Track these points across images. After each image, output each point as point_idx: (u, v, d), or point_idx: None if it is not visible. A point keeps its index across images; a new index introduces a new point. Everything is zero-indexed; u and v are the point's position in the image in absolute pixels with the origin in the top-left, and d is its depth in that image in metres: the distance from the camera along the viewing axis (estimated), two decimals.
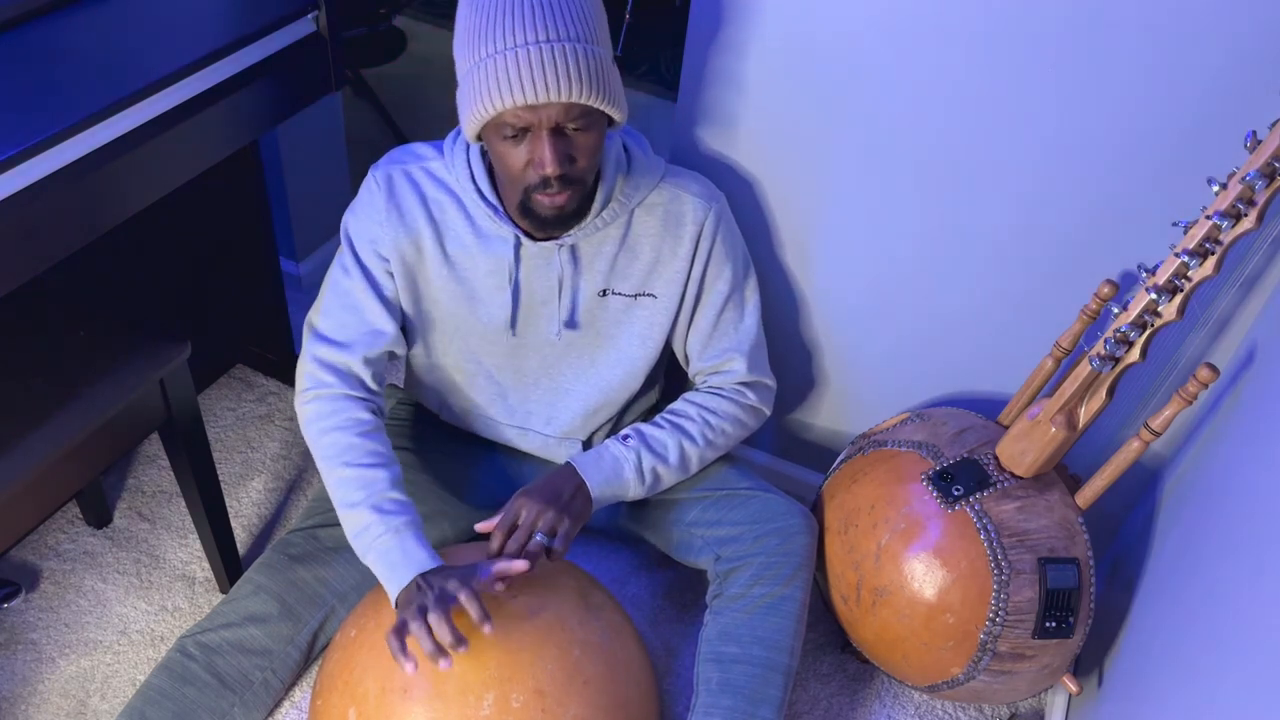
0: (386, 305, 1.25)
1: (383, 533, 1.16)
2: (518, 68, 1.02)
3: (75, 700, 1.40)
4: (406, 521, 1.17)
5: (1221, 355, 1.32)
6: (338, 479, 1.20)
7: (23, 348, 1.24)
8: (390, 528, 1.16)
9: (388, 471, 1.20)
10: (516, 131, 1.07)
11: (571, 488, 1.25)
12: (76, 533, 1.61)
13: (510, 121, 1.06)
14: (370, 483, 1.18)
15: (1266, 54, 1.09)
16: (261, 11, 1.30)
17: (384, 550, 1.15)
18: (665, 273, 1.28)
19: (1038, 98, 1.21)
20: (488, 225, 1.23)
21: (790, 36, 1.29)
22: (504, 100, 1.04)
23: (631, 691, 1.24)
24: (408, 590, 1.13)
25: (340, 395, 1.23)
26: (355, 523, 1.18)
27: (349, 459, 1.20)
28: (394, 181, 1.23)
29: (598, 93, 1.05)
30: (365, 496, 1.18)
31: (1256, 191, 1.05)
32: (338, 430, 1.21)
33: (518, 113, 1.05)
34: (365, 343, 1.25)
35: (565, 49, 1.03)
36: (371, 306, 1.25)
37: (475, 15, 1.06)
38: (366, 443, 1.21)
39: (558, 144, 1.07)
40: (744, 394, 1.37)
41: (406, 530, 1.16)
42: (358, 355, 1.24)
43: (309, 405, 1.24)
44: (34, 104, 1.09)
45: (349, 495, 1.19)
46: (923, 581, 1.28)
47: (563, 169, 1.08)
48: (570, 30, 1.04)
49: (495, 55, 1.03)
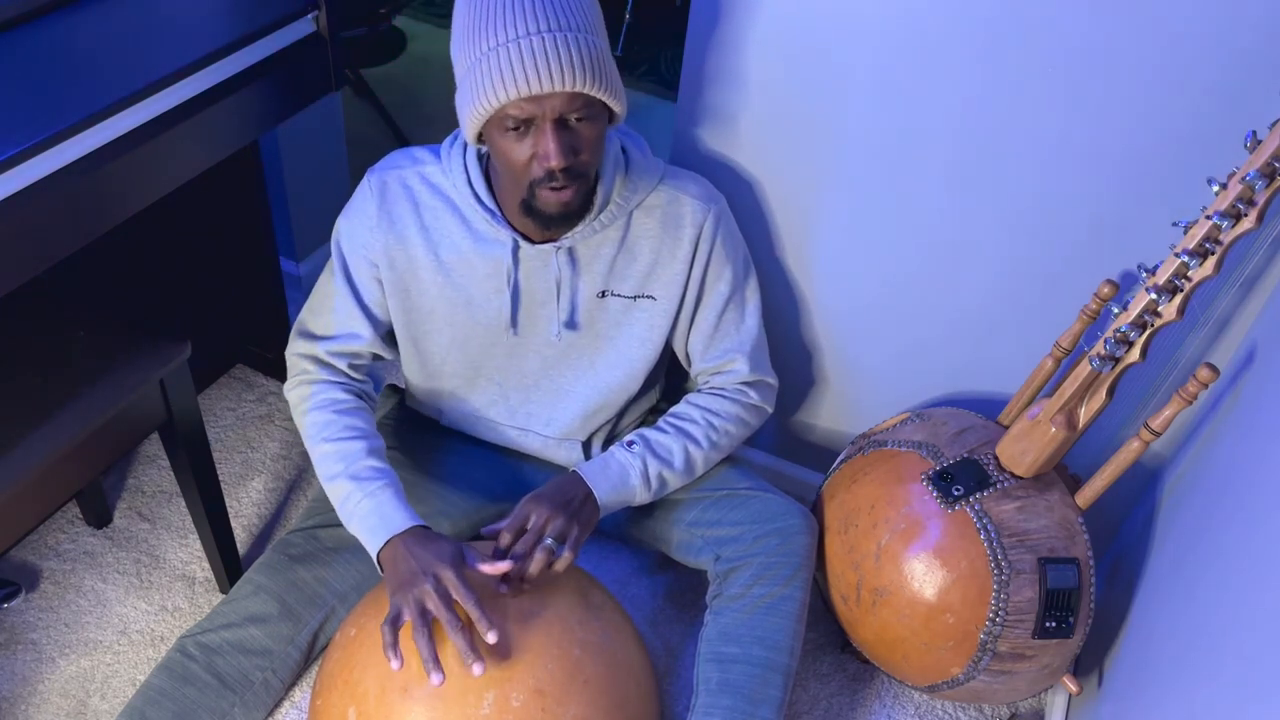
0: (365, 311, 1.29)
1: (361, 498, 1.19)
2: (520, 58, 1.02)
3: (75, 700, 1.40)
4: (383, 485, 1.20)
5: (1221, 355, 1.32)
6: (320, 455, 1.25)
7: (23, 348, 1.24)
8: (366, 492, 1.19)
9: (366, 443, 1.25)
10: (519, 124, 1.06)
11: (580, 495, 1.25)
12: (76, 533, 1.61)
13: (513, 114, 1.05)
14: (347, 454, 1.23)
15: (1266, 54, 1.09)
16: (261, 11, 1.30)
17: (363, 515, 1.19)
18: (664, 274, 1.28)
19: (1038, 98, 1.21)
20: (485, 229, 1.23)
21: (791, 36, 1.29)
22: (507, 92, 1.03)
23: (631, 691, 1.24)
24: (391, 555, 1.14)
25: (319, 380, 1.30)
26: (337, 494, 1.22)
27: (327, 434, 1.25)
28: (388, 188, 1.23)
29: (600, 83, 1.05)
30: (344, 468, 1.22)
31: (1256, 191, 1.05)
32: (316, 409, 1.27)
33: (521, 104, 1.04)
34: (342, 340, 1.30)
35: (567, 39, 1.03)
36: (350, 311, 1.28)
37: (473, 13, 1.05)
38: (343, 418, 1.26)
39: (562, 136, 1.07)
40: (746, 393, 1.37)
41: (382, 492, 1.19)
42: (335, 349, 1.30)
43: (292, 392, 1.32)
44: (34, 104, 1.09)
45: (330, 469, 1.23)
46: (923, 581, 1.28)
47: (567, 161, 1.08)
48: (570, 20, 1.04)
49: (497, 49, 1.03)
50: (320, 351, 1.29)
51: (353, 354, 1.31)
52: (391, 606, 1.10)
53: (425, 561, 1.11)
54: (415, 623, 1.08)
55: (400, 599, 1.10)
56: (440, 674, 1.06)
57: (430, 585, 1.09)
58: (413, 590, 1.10)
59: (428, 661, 1.07)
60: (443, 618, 1.08)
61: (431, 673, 1.06)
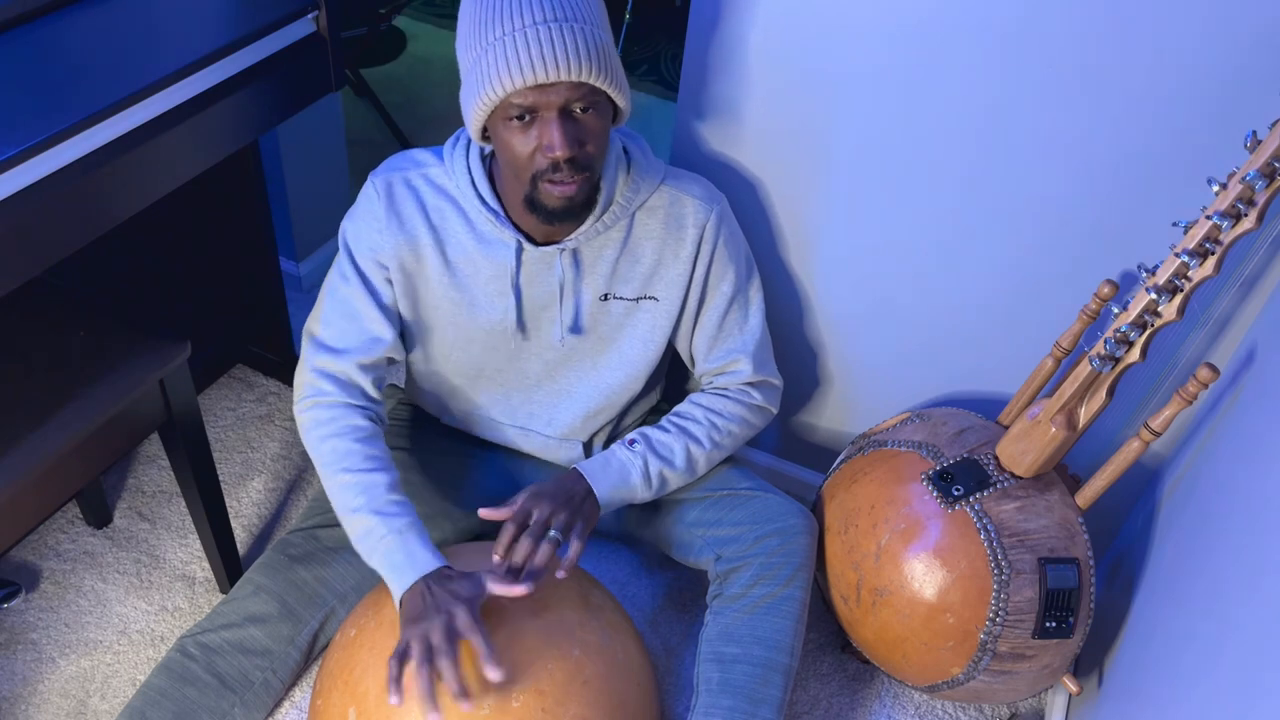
0: (385, 312, 1.25)
1: (385, 534, 1.16)
2: (526, 47, 1.02)
3: (75, 700, 1.40)
4: (408, 523, 1.17)
5: (1221, 355, 1.32)
6: (339, 485, 1.20)
7: (23, 348, 1.24)
8: (393, 529, 1.16)
9: (387, 475, 1.20)
10: (524, 112, 1.06)
11: (581, 491, 1.25)
12: (76, 533, 1.61)
13: (518, 103, 1.05)
14: (370, 487, 1.19)
15: (1266, 54, 1.09)
16: (261, 11, 1.30)
17: (388, 552, 1.15)
18: (667, 275, 1.28)
19: (1039, 98, 1.21)
20: (489, 230, 1.23)
21: (791, 35, 1.29)
22: (513, 80, 1.03)
23: (631, 691, 1.24)
24: (413, 595, 1.12)
25: (338, 403, 1.23)
26: (358, 527, 1.18)
27: (347, 465, 1.20)
28: (393, 189, 1.23)
29: (604, 74, 1.06)
30: (366, 501, 1.18)
31: (1256, 191, 1.05)
32: (335, 437, 1.22)
33: (525, 93, 1.04)
34: (364, 349, 1.25)
35: (573, 29, 1.03)
36: (370, 313, 1.25)
37: (479, 9, 1.06)
38: (364, 448, 1.21)
39: (567, 126, 1.07)
40: (750, 394, 1.37)
41: (409, 531, 1.16)
42: (356, 362, 1.24)
43: (307, 413, 1.24)
44: (34, 104, 1.09)
45: (350, 500, 1.19)
46: (923, 581, 1.28)
47: (572, 151, 1.08)
48: (575, 12, 1.04)
49: (502, 39, 1.03)
50: (345, 367, 1.24)
51: (375, 365, 1.26)
52: (400, 640, 1.09)
53: (441, 599, 1.10)
54: (417, 659, 1.07)
55: (410, 633, 1.09)
56: (437, 713, 1.05)
57: (440, 621, 1.08)
58: (422, 625, 1.09)
59: (425, 699, 1.05)
60: (440, 651, 1.06)
61: (429, 712, 1.05)
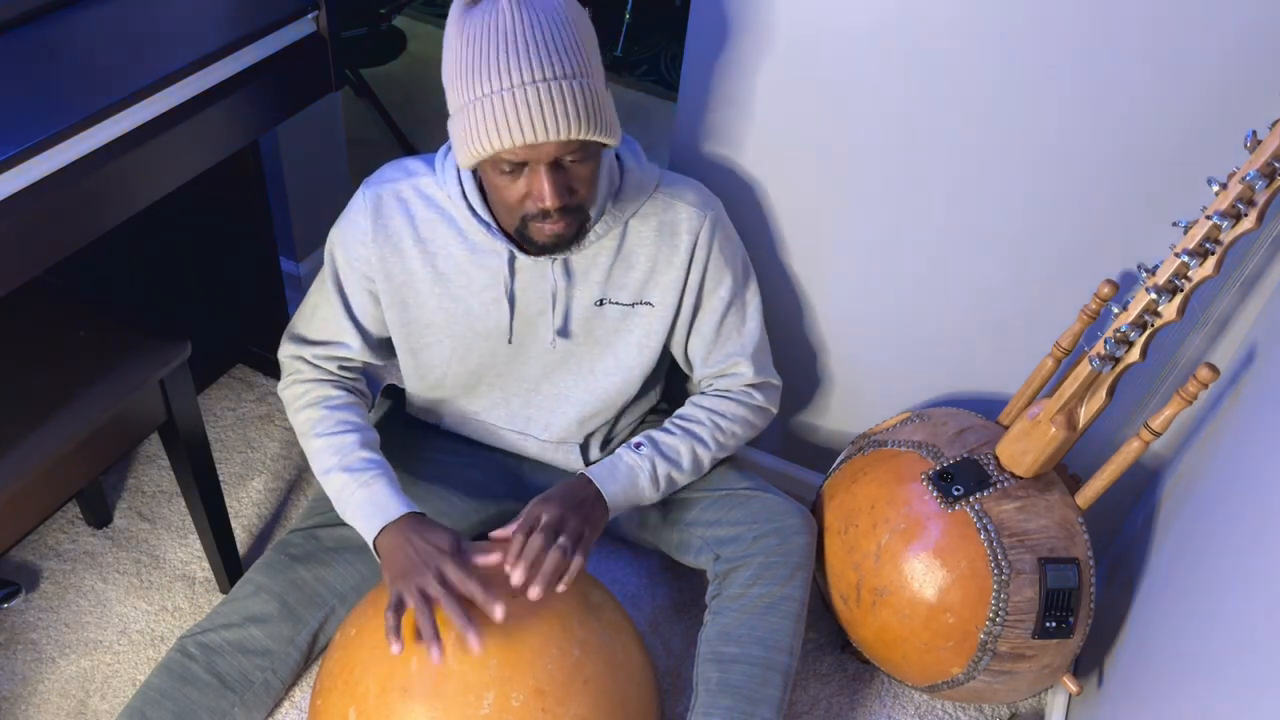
0: (355, 323, 1.31)
1: (355, 488, 1.21)
2: (515, 109, 1.01)
3: (75, 700, 1.40)
4: (375, 475, 1.22)
5: (1221, 355, 1.32)
6: (314, 450, 1.27)
7: (23, 347, 1.24)
8: (360, 482, 1.21)
9: (358, 435, 1.26)
10: (513, 167, 1.07)
11: (589, 496, 1.25)
12: (76, 533, 1.61)
13: (507, 159, 1.06)
14: (340, 447, 1.25)
15: (1266, 54, 1.09)
16: (261, 11, 1.30)
17: (358, 504, 1.20)
18: (662, 281, 1.28)
19: (1039, 98, 1.21)
20: (480, 240, 1.23)
21: (792, 36, 1.29)
22: (501, 142, 1.03)
23: (631, 691, 1.24)
24: (392, 547, 1.15)
25: (310, 379, 1.32)
26: (332, 487, 1.24)
27: (319, 430, 1.27)
28: (382, 202, 1.23)
29: (594, 126, 1.05)
30: (338, 460, 1.24)
31: (1256, 191, 1.05)
32: (309, 407, 1.29)
33: (516, 150, 1.04)
34: (332, 347, 1.32)
35: (561, 87, 1.02)
36: (340, 321, 1.30)
37: (466, 48, 1.03)
38: (335, 414, 1.28)
39: (556, 177, 1.07)
40: (751, 395, 1.37)
41: (376, 481, 1.21)
42: (324, 354, 1.33)
43: (286, 390, 1.34)
44: (34, 104, 1.09)
45: (324, 463, 1.25)
46: (923, 581, 1.28)
47: (562, 200, 1.09)
48: (564, 67, 1.02)
49: (490, 96, 1.02)
50: (309, 354, 1.32)
51: (341, 359, 1.34)
52: (392, 593, 1.12)
53: (425, 552, 1.13)
54: (417, 606, 1.10)
55: (402, 586, 1.12)
56: (440, 649, 1.09)
57: (432, 574, 1.11)
58: (415, 579, 1.12)
59: (429, 638, 1.09)
60: (443, 599, 1.10)
61: (432, 648, 1.09)
